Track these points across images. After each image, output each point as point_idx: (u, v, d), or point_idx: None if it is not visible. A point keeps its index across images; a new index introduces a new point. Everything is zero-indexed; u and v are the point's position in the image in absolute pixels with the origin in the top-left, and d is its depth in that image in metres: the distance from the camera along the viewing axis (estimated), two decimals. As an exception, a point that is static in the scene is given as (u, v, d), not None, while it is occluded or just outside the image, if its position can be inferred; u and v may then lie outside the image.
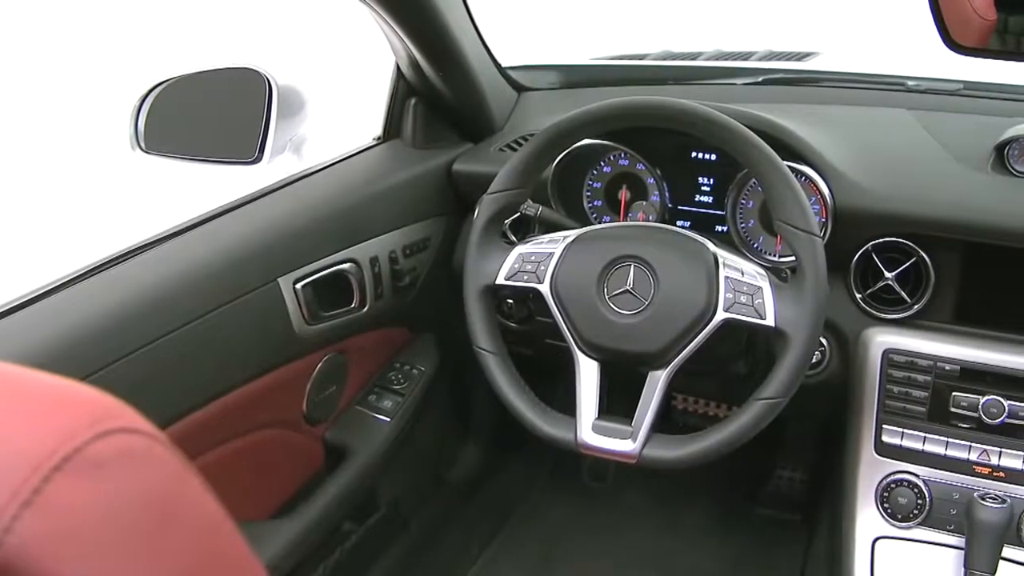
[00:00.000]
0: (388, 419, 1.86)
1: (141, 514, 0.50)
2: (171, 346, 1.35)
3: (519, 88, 2.09)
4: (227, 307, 1.44)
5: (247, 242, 1.52)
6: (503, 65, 2.03)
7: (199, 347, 1.40)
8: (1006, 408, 1.55)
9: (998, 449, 1.57)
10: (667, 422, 2.24)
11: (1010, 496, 1.54)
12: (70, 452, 0.48)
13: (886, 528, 1.64)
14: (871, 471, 1.65)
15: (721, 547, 2.35)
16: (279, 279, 1.54)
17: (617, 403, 1.50)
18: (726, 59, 2.29)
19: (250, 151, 1.65)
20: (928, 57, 1.47)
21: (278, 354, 1.58)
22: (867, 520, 1.65)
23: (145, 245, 1.46)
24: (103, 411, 0.51)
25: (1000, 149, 1.63)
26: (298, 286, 1.57)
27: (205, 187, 1.72)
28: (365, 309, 1.72)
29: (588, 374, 1.46)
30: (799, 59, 2.28)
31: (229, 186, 1.68)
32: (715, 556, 2.32)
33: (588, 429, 1.44)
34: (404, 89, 1.89)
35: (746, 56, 2.31)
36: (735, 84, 2.05)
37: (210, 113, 1.74)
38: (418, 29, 1.69)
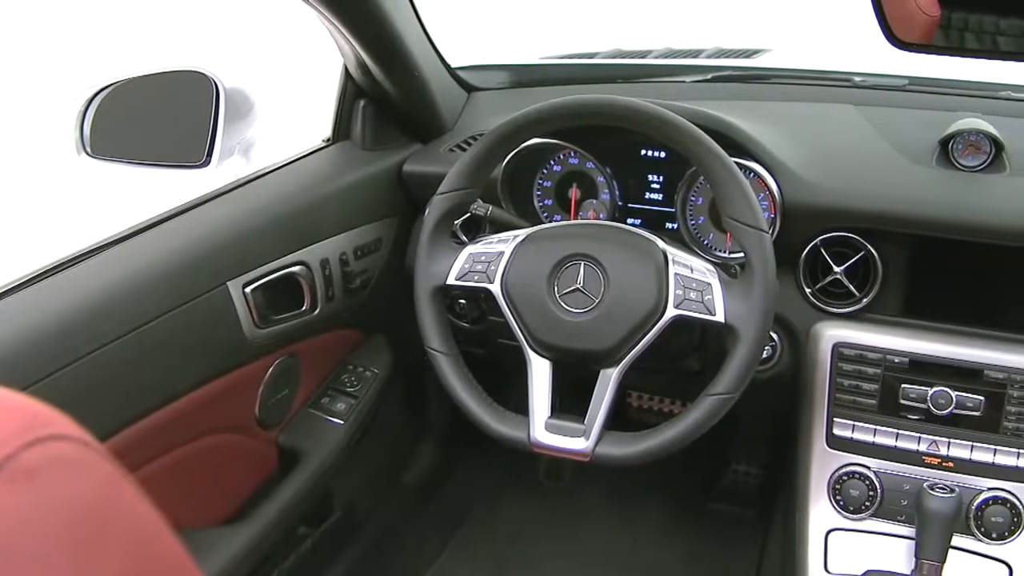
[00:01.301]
0: (341, 422, 1.85)
1: (72, 522, 0.49)
2: (118, 352, 1.33)
3: (469, 88, 2.08)
4: (175, 312, 1.42)
5: (195, 246, 1.51)
6: (452, 65, 2.02)
7: (147, 353, 1.38)
8: (954, 399, 1.57)
9: (946, 440, 1.59)
10: (622, 419, 2.26)
11: (959, 485, 1.57)
12: (1, 460, 0.47)
13: (839, 520, 1.66)
14: (823, 464, 1.67)
15: (678, 543, 2.36)
16: (228, 283, 1.53)
17: (570, 401, 1.50)
18: (675, 57, 2.30)
19: (198, 155, 1.64)
20: (876, 53, 1.48)
21: (228, 358, 1.56)
22: (820, 513, 1.67)
23: (90, 251, 1.44)
24: (34, 418, 0.50)
25: (944, 144, 1.65)
26: (247, 290, 1.56)
27: (152, 191, 1.71)
28: (316, 311, 1.71)
29: (540, 373, 1.46)
30: (748, 56, 2.30)
31: (176, 190, 1.66)
32: (672, 552, 2.33)
33: (541, 428, 1.44)
34: (352, 90, 1.88)
35: (695, 54, 2.32)
36: (684, 82, 2.05)
37: (157, 116, 1.73)
38: (364, 31, 1.68)
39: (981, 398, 1.57)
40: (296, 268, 1.66)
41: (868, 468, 1.64)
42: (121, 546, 0.52)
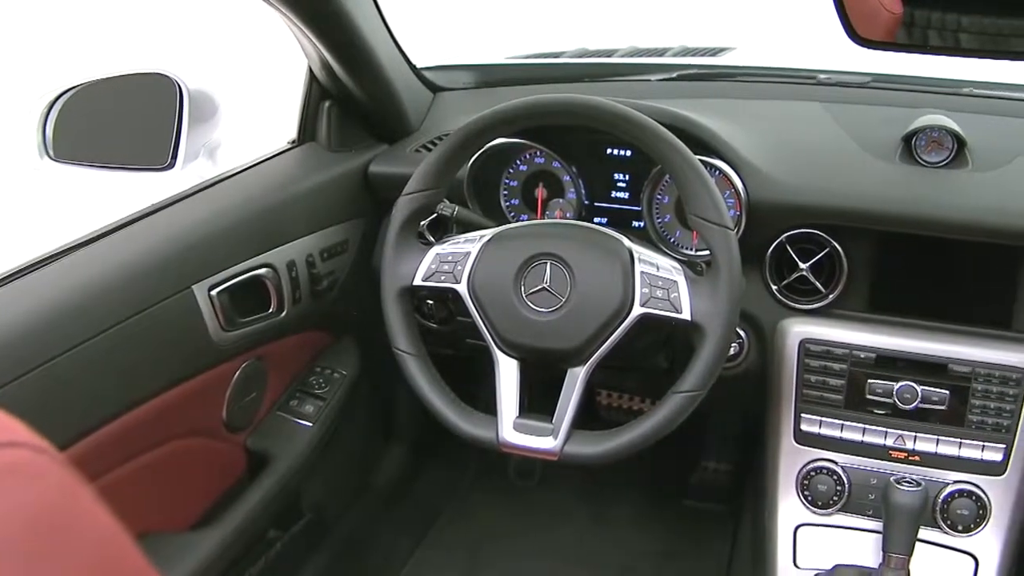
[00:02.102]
0: (310, 424, 1.85)
1: (27, 530, 0.48)
2: (82, 357, 1.32)
3: (434, 88, 2.08)
4: (140, 316, 1.41)
5: (159, 250, 1.50)
6: (417, 65, 2.02)
7: (111, 358, 1.37)
8: (919, 393, 1.58)
9: (913, 434, 1.60)
10: (592, 418, 2.26)
11: (925, 479, 1.58)
12: None
13: (807, 515, 1.67)
14: (791, 460, 1.68)
15: (649, 540, 2.37)
16: (193, 286, 1.52)
17: (539, 401, 1.50)
18: (641, 56, 2.30)
19: (162, 157, 1.63)
20: (840, 50, 1.49)
21: (195, 362, 1.55)
22: (789, 508, 1.68)
23: (52, 255, 1.43)
24: None
25: (908, 140, 1.67)
26: (213, 293, 1.55)
27: (116, 195, 1.69)
28: (283, 314, 1.71)
29: (508, 373, 1.46)
30: (713, 55, 2.30)
31: (142, 193, 1.65)
32: (643, 549, 2.34)
33: (509, 428, 1.44)
34: (317, 91, 1.87)
35: (661, 52, 2.32)
36: (650, 80, 2.06)
37: (120, 119, 1.71)
38: (327, 31, 1.67)
39: (946, 392, 1.58)
40: (262, 270, 1.65)
41: (836, 463, 1.65)
42: (78, 554, 0.51)
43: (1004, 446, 1.58)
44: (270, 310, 1.69)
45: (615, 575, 2.28)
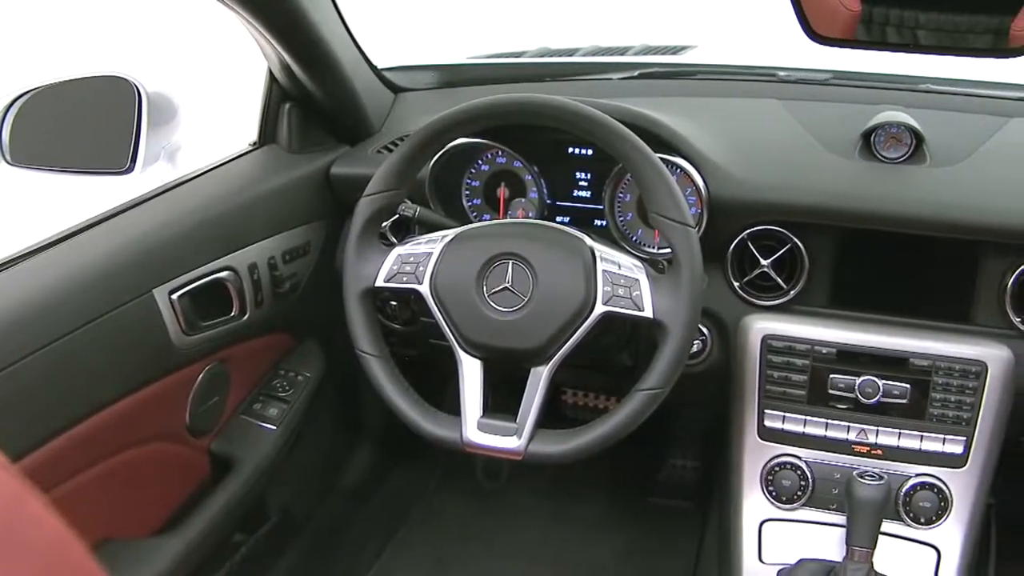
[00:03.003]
0: (274, 427, 1.84)
1: None
2: (40, 364, 1.31)
3: (396, 89, 2.07)
4: (99, 321, 1.40)
5: (119, 254, 1.49)
6: (378, 66, 2.01)
7: (71, 363, 1.36)
8: (880, 388, 1.60)
9: (875, 428, 1.62)
10: (558, 417, 2.26)
11: (887, 472, 1.59)
12: None
13: (772, 511, 1.68)
14: (755, 456, 1.69)
15: (617, 539, 2.37)
16: (154, 290, 1.51)
17: (504, 400, 1.50)
18: (602, 55, 2.32)
19: (122, 160, 1.61)
20: (801, 48, 1.50)
21: (156, 366, 1.54)
22: (753, 504, 1.69)
23: (9, 261, 1.41)
24: None
25: (867, 136, 1.68)
26: (174, 296, 1.54)
27: (74, 199, 1.68)
28: (245, 317, 1.70)
29: (471, 373, 1.45)
30: (675, 53, 2.32)
31: (100, 197, 1.64)
32: (611, 548, 2.35)
33: (473, 428, 1.43)
34: (278, 93, 1.86)
35: (622, 51, 2.33)
36: (611, 79, 2.06)
37: (79, 123, 1.70)
38: (286, 33, 1.66)
39: (907, 386, 1.60)
40: (224, 273, 1.65)
41: (799, 458, 1.66)
42: (26, 561, 0.51)
43: (964, 439, 1.59)
44: (232, 313, 1.68)
45: (582, 574, 2.28)
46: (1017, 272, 1.59)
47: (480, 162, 1.83)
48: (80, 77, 1.65)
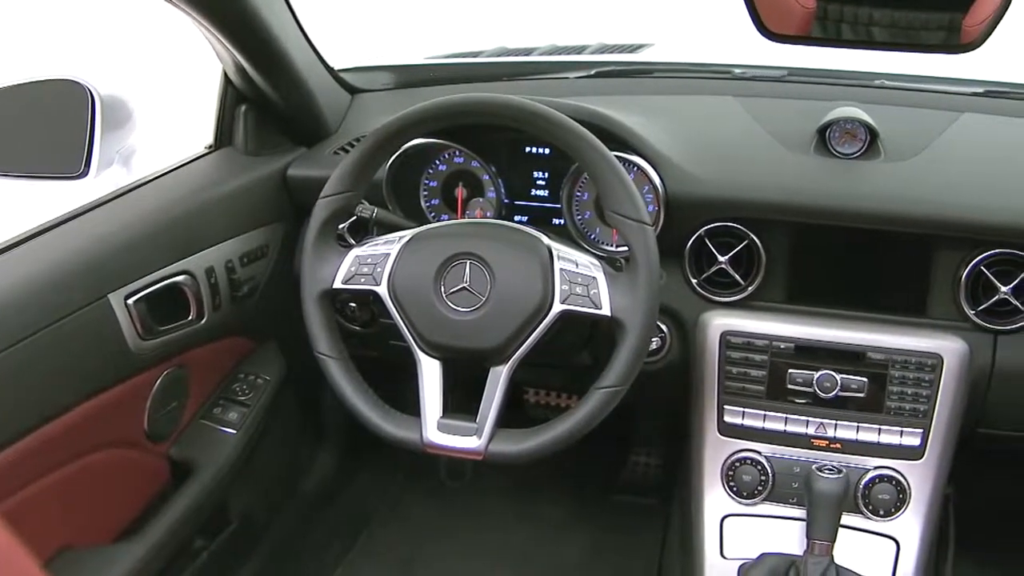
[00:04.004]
0: (234, 431, 1.83)
1: None
2: None
3: (352, 90, 2.07)
4: (53, 327, 1.39)
5: (72, 259, 1.47)
6: (334, 67, 2.00)
7: (24, 371, 1.35)
8: (838, 382, 1.61)
9: (833, 422, 1.63)
10: (520, 416, 2.26)
11: (846, 466, 1.61)
12: None
13: (733, 506, 1.69)
14: (716, 451, 1.69)
15: (581, 536, 2.38)
16: (109, 295, 1.50)
17: (464, 401, 1.50)
18: (560, 54, 2.32)
19: (75, 165, 1.59)
20: (758, 45, 1.51)
21: (112, 372, 1.53)
22: (714, 500, 1.70)
23: None
24: None
25: (822, 132, 1.70)
26: (130, 301, 1.53)
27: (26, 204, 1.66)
28: (203, 321, 1.69)
29: (430, 373, 1.45)
30: (632, 51, 2.32)
31: (54, 202, 1.62)
32: (576, 546, 2.35)
33: (433, 428, 1.43)
34: (233, 95, 1.85)
35: (579, 50, 2.34)
36: (568, 78, 2.07)
37: (30, 127, 1.67)
38: (239, 35, 1.65)
39: (864, 380, 1.61)
40: (181, 277, 1.63)
41: (759, 453, 1.67)
42: None
43: (921, 431, 1.61)
44: (190, 317, 1.67)
45: (547, 573, 2.28)
46: (971, 265, 1.61)
47: (437, 162, 1.83)
48: (31, 81, 1.63)
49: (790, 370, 1.64)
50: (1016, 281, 1.59)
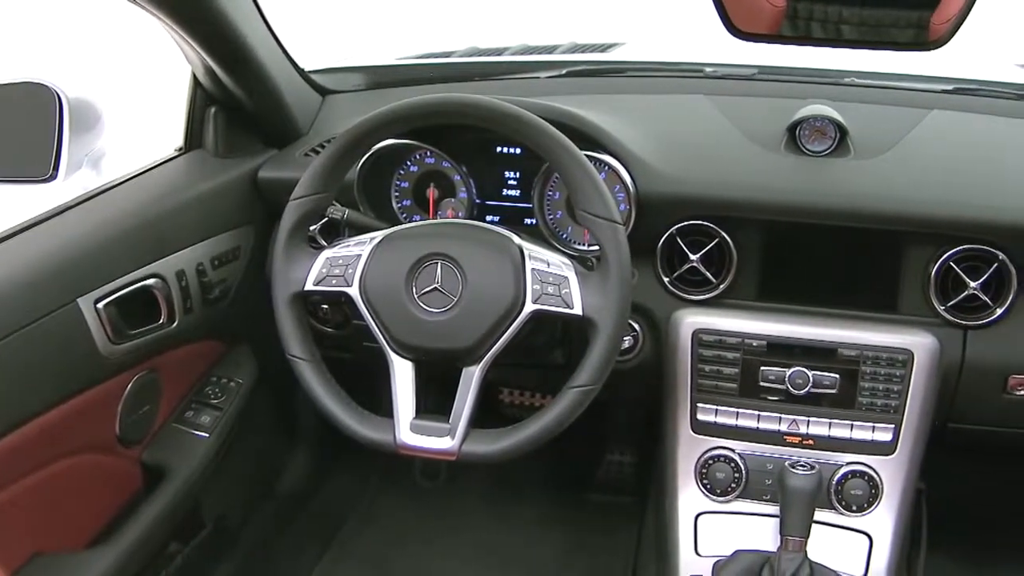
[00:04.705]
0: (207, 434, 1.82)
1: None
2: None
3: (323, 91, 2.06)
4: (21, 332, 1.38)
5: (41, 263, 1.46)
6: (305, 69, 2.00)
7: None
8: (810, 378, 1.62)
9: (806, 418, 1.64)
10: (494, 416, 2.26)
11: (819, 462, 1.61)
12: None
13: (707, 503, 1.69)
14: (689, 449, 1.70)
15: (557, 535, 2.38)
16: (79, 299, 1.49)
17: (438, 401, 1.49)
18: (531, 53, 2.31)
19: (43, 168, 1.59)
20: (729, 43, 1.51)
21: (83, 377, 1.52)
22: (689, 497, 1.70)
23: None
24: None
25: (792, 130, 1.70)
26: (100, 305, 1.52)
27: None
28: (175, 324, 1.68)
29: (403, 374, 1.45)
30: (603, 51, 2.32)
31: (21, 206, 1.61)
32: (551, 545, 2.35)
33: (406, 429, 1.43)
34: (203, 97, 1.84)
35: (551, 50, 2.33)
36: (539, 78, 2.07)
37: (-3, 130, 1.67)
38: (207, 37, 1.64)
39: (836, 376, 1.62)
40: (151, 281, 1.62)
41: (733, 451, 1.68)
42: None
43: (893, 426, 1.62)
44: (161, 321, 1.66)
45: (523, 572, 2.28)
46: (940, 261, 1.62)
47: (409, 163, 1.83)
48: (-4, 84, 1.63)
49: (762, 367, 1.65)
50: (985, 277, 1.61)
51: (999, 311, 1.62)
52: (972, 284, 1.61)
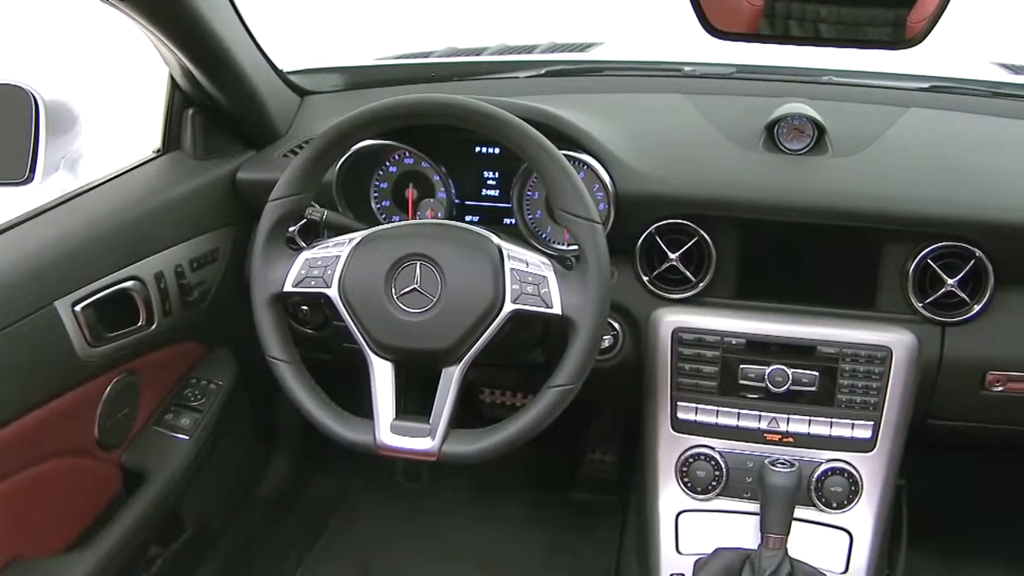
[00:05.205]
0: (187, 437, 1.82)
1: None
2: None
3: (302, 92, 2.06)
4: None
5: (17, 266, 1.45)
6: (283, 69, 1.99)
7: None
8: (790, 376, 1.62)
9: (785, 416, 1.65)
10: (476, 416, 2.26)
11: (798, 459, 1.62)
12: None
13: (687, 502, 1.69)
14: (670, 448, 1.70)
15: (539, 535, 2.38)
16: (56, 302, 1.48)
17: (419, 402, 1.49)
18: (510, 53, 2.31)
19: (19, 171, 1.59)
20: (708, 42, 1.51)
21: (61, 380, 1.51)
22: (669, 496, 1.71)
23: None
24: None
25: (770, 128, 1.71)
26: (77, 308, 1.51)
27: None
28: (154, 327, 1.67)
29: (382, 375, 1.44)
30: (582, 50, 2.33)
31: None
32: (534, 544, 2.35)
33: (386, 430, 1.43)
34: (180, 99, 1.84)
35: (530, 49, 2.33)
36: (518, 77, 2.07)
37: (-29, 133, 1.65)
38: (184, 37, 1.63)
39: (815, 373, 1.62)
40: (129, 283, 1.62)
41: (713, 449, 1.68)
42: None
43: (872, 423, 1.62)
44: (139, 323, 1.65)
45: (506, 572, 2.28)
46: (918, 258, 1.63)
47: (388, 164, 1.83)
48: (-31, 86, 1.62)
49: (742, 365, 1.65)
50: (962, 273, 1.61)
51: (976, 308, 1.63)
52: (949, 281, 1.62)
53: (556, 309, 1.40)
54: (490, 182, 1.80)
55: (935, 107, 1.86)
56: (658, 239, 1.69)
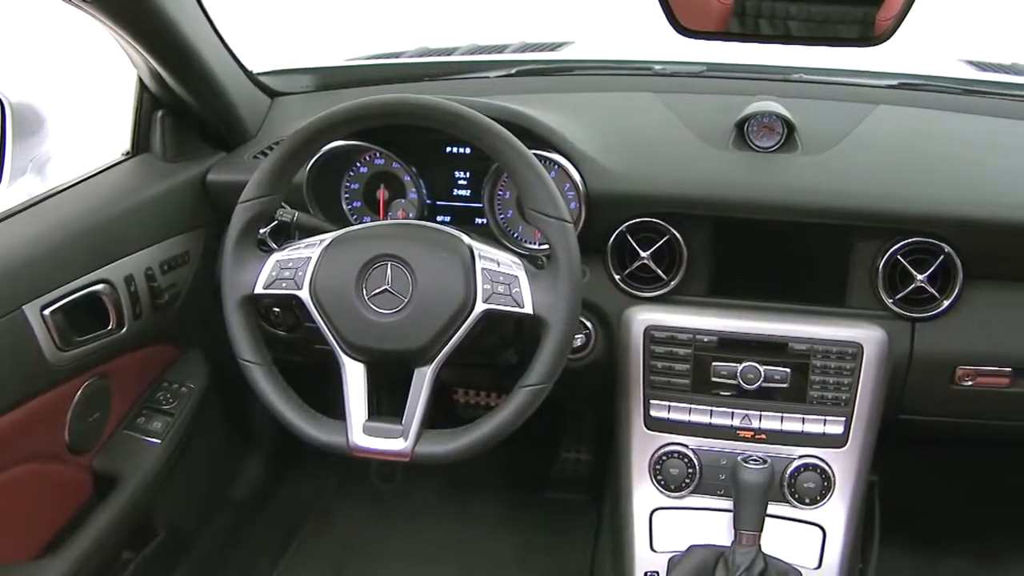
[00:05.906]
0: (159, 441, 1.81)
1: None
2: None
3: (272, 93, 2.05)
4: None
5: None
6: (253, 71, 1.98)
7: None
8: (762, 373, 1.63)
9: (758, 413, 1.65)
10: (451, 416, 2.26)
11: (771, 456, 1.62)
12: None
13: (661, 499, 1.70)
14: (643, 446, 1.70)
15: (513, 534, 2.38)
16: (24, 307, 1.47)
17: (393, 403, 1.49)
18: (481, 53, 2.31)
19: (-14, 174, 1.57)
20: (679, 41, 1.52)
21: (29, 384, 1.50)
22: (643, 494, 1.71)
23: None
24: None
25: (740, 126, 1.72)
26: (46, 312, 1.50)
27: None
28: (124, 330, 1.66)
29: (355, 376, 1.44)
30: (552, 49, 2.33)
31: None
32: (509, 544, 2.35)
33: (359, 432, 1.42)
34: (149, 101, 1.83)
35: (501, 49, 2.33)
36: (489, 77, 2.07)
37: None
38: (151, 39, 1.62)
39: (787, 370, 1.63)
40: (99, 286, 1.61)
41: (686, 446, 1.68)
42: None
43: (844, 419, 1.63)
44: (110, 327, 1.64)
45: (480, 571, 2.28)
46: (887, 254, 1.64)
47: (359, 164, 1.82)
48: (-64, 90, 1.60)
49: (714, 363, 1.65)
50: (931, 269, 1.62)
51: (946, 303, 1.64)
52: (919, 277, 1.63)
53: (528, 308, 1.40)
54: (461, 182, 1.80)
55: (904, 104, 1.87)
56: (629, 238, 1.69)
